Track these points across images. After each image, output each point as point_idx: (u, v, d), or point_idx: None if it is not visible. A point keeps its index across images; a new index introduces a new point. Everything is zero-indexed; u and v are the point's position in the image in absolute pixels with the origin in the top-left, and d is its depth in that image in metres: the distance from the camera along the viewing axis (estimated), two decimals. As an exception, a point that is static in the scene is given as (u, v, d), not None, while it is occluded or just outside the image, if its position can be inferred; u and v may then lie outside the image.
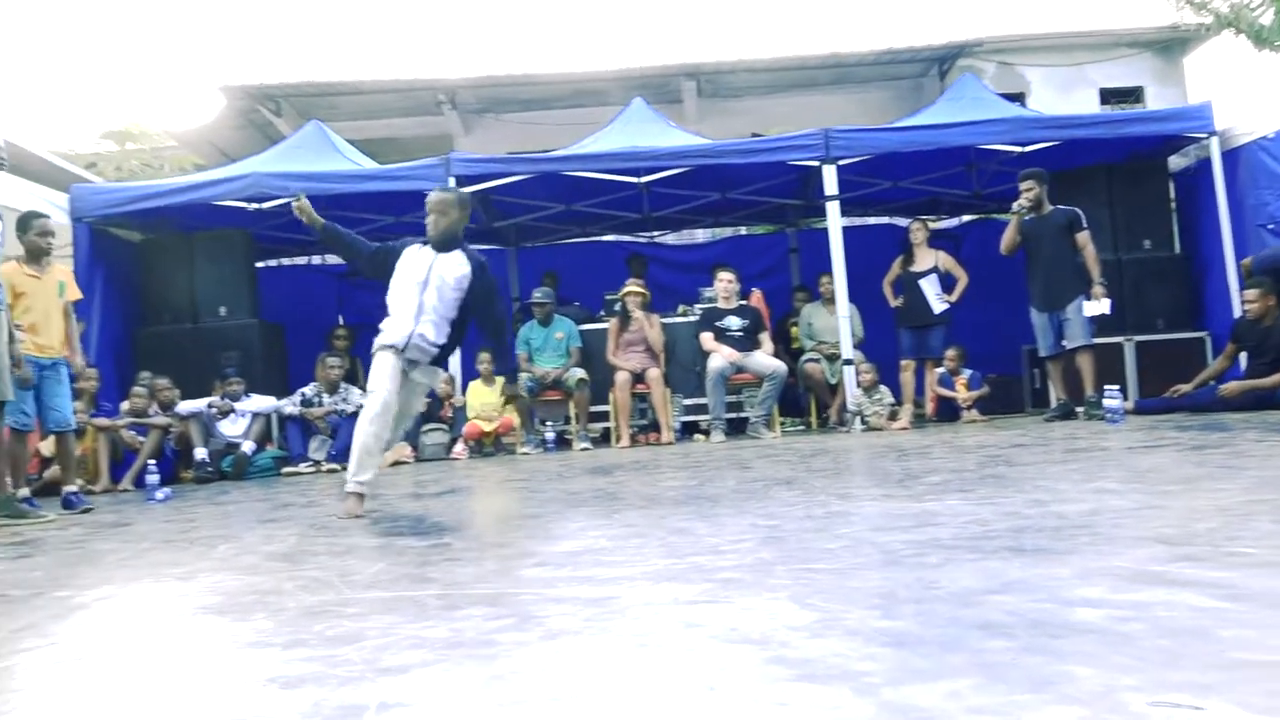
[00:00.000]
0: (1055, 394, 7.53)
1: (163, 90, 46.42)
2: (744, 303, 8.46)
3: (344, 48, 47.84)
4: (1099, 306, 6.99)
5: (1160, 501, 2.69)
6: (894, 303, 8.30)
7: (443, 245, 4.33)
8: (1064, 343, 7.24)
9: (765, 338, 8.30)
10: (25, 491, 5.32)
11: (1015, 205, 7.36)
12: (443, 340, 4.28)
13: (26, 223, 5.44)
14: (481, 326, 4.49)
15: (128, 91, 45.67)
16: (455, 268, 4.24)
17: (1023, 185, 7.33)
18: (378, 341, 4.24)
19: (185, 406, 7.56)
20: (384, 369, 4.13)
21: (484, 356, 8.25)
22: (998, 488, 3.28)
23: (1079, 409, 7.17)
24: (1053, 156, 8.45)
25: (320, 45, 48.13)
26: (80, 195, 8.26)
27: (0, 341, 4.78)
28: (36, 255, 5.48)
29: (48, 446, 6.27)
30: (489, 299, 4.37)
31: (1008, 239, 7.48)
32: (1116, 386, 6.55)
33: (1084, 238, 7.20)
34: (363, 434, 4.05)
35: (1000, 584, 1.78)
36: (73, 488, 5.49)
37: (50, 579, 2.82)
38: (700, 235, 12.70)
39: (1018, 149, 8.71)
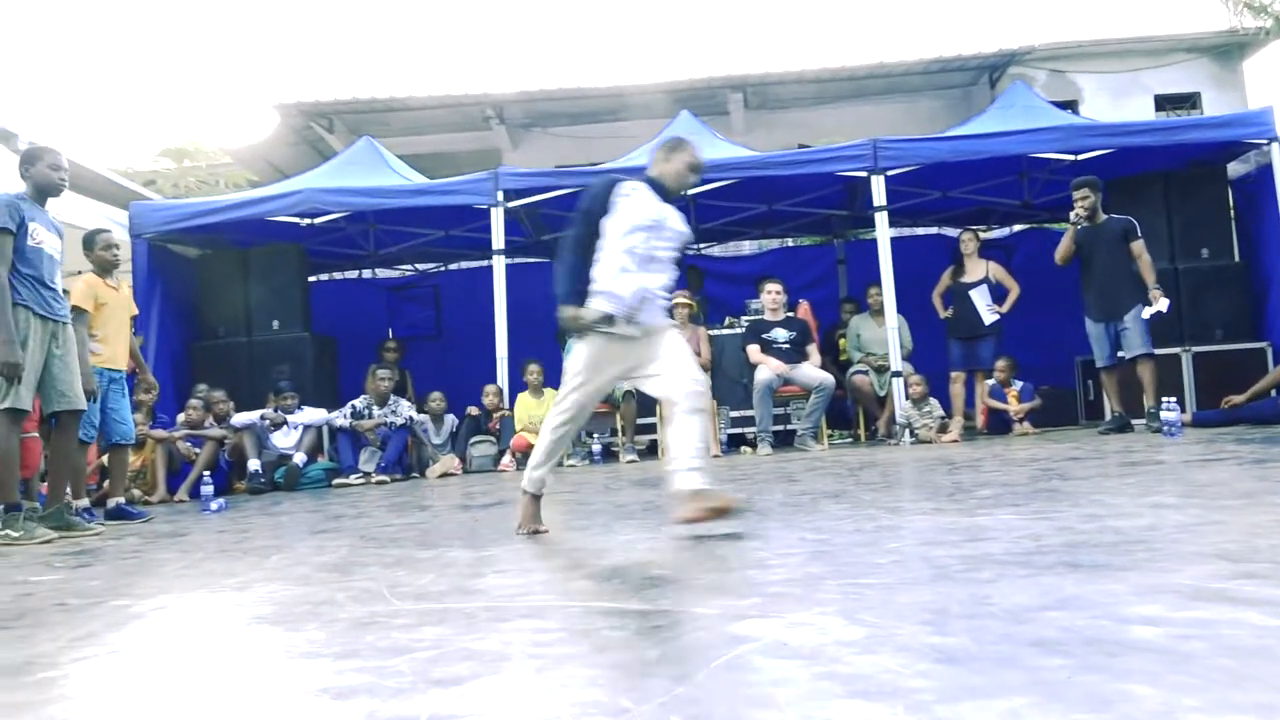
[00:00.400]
0: (1110, 406, 7.39)
1: (219, 108, 47.45)
2: (791, 314, 8.42)
3: (394, 65, 48.53)
4: (1158, 305, 6.83)
5: (1220, 516, 2.63)
6: (944, 314, 8.21)
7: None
8: (1121, 353, 7.10)
9: (813, 349, 8.26)
10: (85, 502, 5.45)
11: (1071, 215, 7.24)
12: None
13: (91, 240, 5.63)
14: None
15: (185, 110, 46.75)
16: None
17: (1077, 194, 7.22)
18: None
19: (239, 418, 7.70)
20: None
21: (532, 368, 8.30)
22: (1051, 502, 3.22)
23: (1134, 421, 7.03)
24: (1107, 164, 8.31)
25: (371, 63, 48.88)
26: (139, 212, 8.46)
27: (76, 352, 4.91)
28: (107, 268, 5.65)
29: (106, 458, 6.40)
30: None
31: (1063, 249, 7.36)
32: (1173, 398, 6.42)
33: (1139, 246, 7.07)
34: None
35: (1055, 600, 1.75)
36: (121, 499, 5.62)
37: (108, 588, 2.87)
38: (747, 247, 12.68)
39: (1070, 157, 8.58)
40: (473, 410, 8.40)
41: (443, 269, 11.57)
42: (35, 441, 5.76)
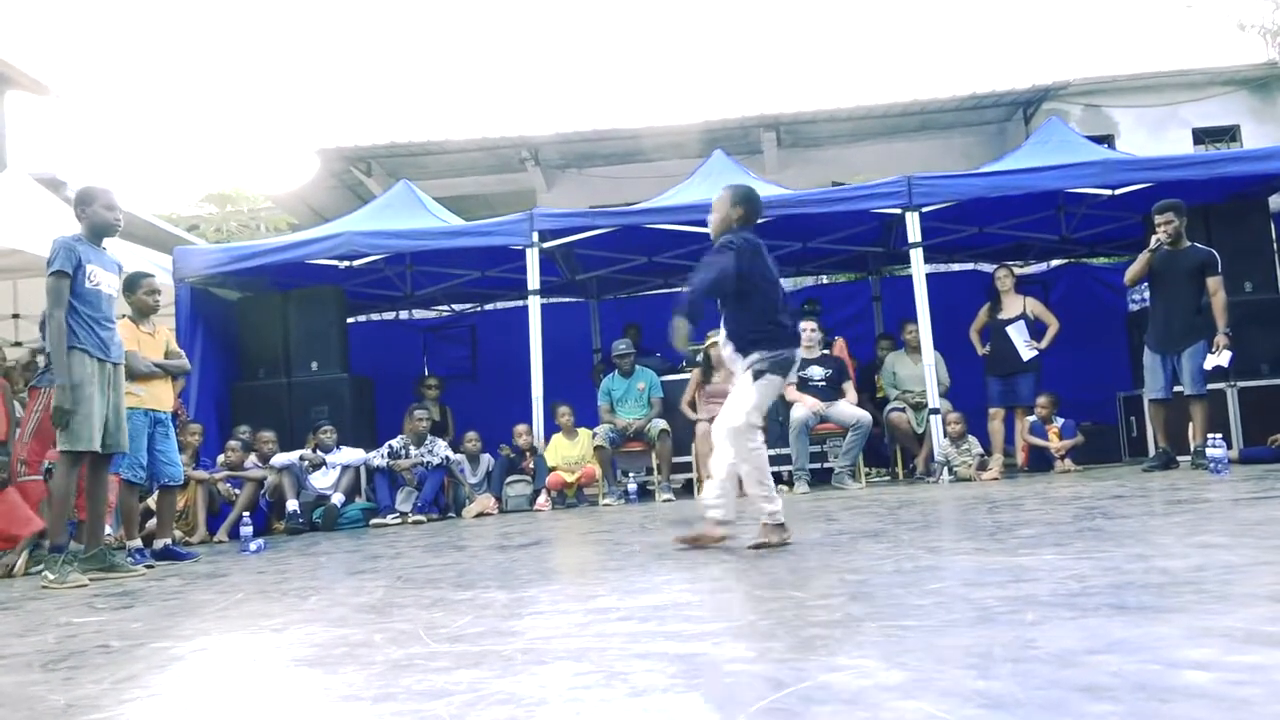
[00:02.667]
0: (1155, 441, 7.23)
1: (261, 154, 48.42)
2: (826, 352, 8.39)
3: (430, 109, 49.33)
4: (1219, 359, 6.59)
5: (1272, 557, 2.57)
6: (981, 351, 8.13)
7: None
8: (1179, 387, 6.92)
9: (849, 387, 8.21)
10: (137, 543, 5.50)
11: (1153, 240, 7.00)
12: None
13: (135, 282, 5.67)
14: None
15: (228, 156, 47.75)
16: None
17: (1160, 218, 6.96)
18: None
19: (279, 459, 7.76)
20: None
21: (562, 410, 8.32)
22: (1096, 541, 3.16)
23: (1179, 458, 6.89)
24: (1146, 199, 8.22)
25: (407, 107, 49.73)
26: (183, 256, 8.62)
27: (119, 395, 4.97)
28: (144, 313, 5.71)
29: (152, 500, 6.47)
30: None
31: (1135, 270, 7.14)
32: (1219, 435, 6.28)
33: (1215, 283, 6.81)
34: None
35: (1103, 644, 1.71)
36: (168, 540, 5.67)
37: (150, 629, 2.90)
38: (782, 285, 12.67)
39: (1108, 192, 8.51)
40: (505, 450, 8.43)
41: (479, 309, 11.67)
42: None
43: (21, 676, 2.23)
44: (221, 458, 7.80)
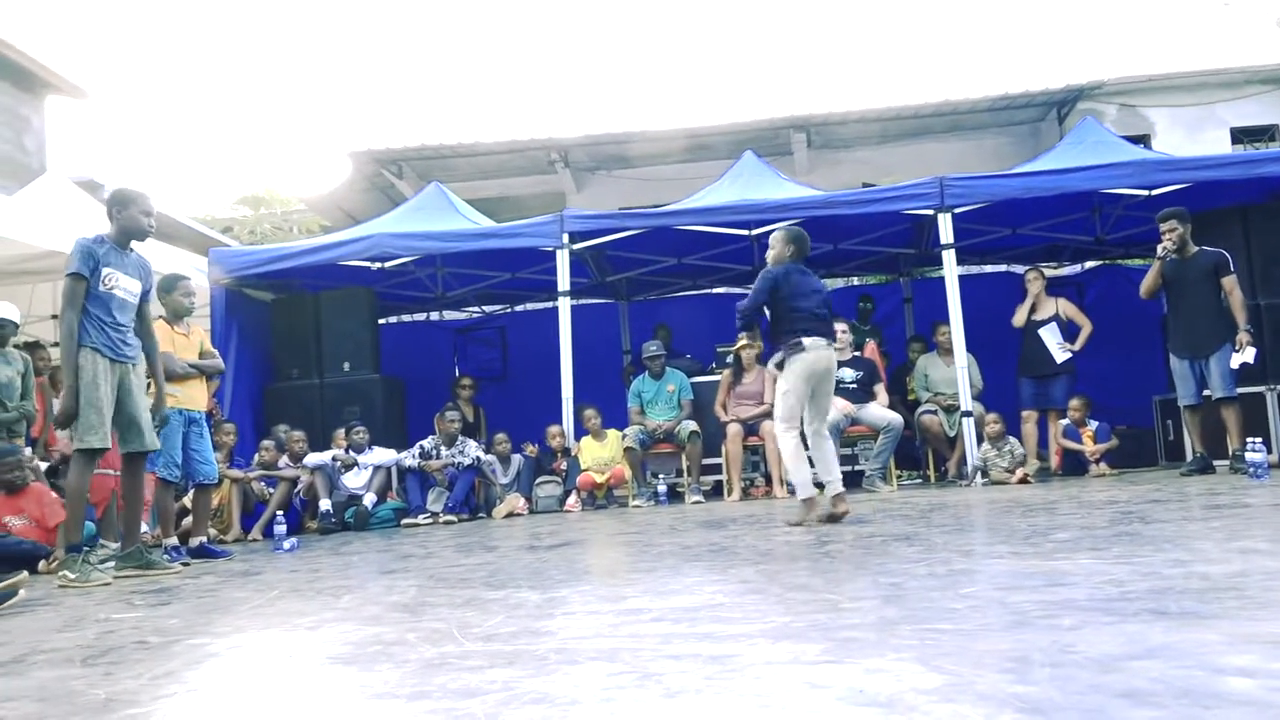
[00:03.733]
0: (1192, 446, 7.15)
1: (294, 157, 48.91)
2: (858, 354, 8.34)
3: (460, 111, 49.63)
4: (1243, 356, 6.59)
5: (1316, 563, 2.52)
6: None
7: None
8: (1207, 392, 6.86)
9: (880, 389, 8.16)
10: (173, 540, 5.56)
11: (1159, 248, 7.02)
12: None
13: (171, 284, 5.73)
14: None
15: (262, 159, 48.27)
16: None
17: (1164, 226, 6.99)
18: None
19: (311, 459, 7.83)
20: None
21: (588, 414, 8.33)
22: (1133, 546, 3.12)
23: (1217, 463, 6.79)
24: (1183, 199, 8.10)
25: (438, 110, 50.04)
26: (218, 258, 8.72)
27: (144, 393, 5.02)
28: (180, 315, 5.77)
29: (188, 498, 6.54)
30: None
31: (1148, 282, 7.15)
32: (1259, 439, 6.18)
33: (1230, 282, 6.83)
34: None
35: (1143, 649, 1.69)
36: (203, 538, 5.74)
37: (186, 626, 2.93)
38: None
39: (1145, 192, 8.41)
40: (530, 449, 8.47)
41: (509, 310, 11.72)
42: (108, 479, 5.90)
43: (62, 671, 2.26)
44: (256, 457, 7.89)
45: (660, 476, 8.40)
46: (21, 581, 3.75)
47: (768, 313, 5.11)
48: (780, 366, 5.06)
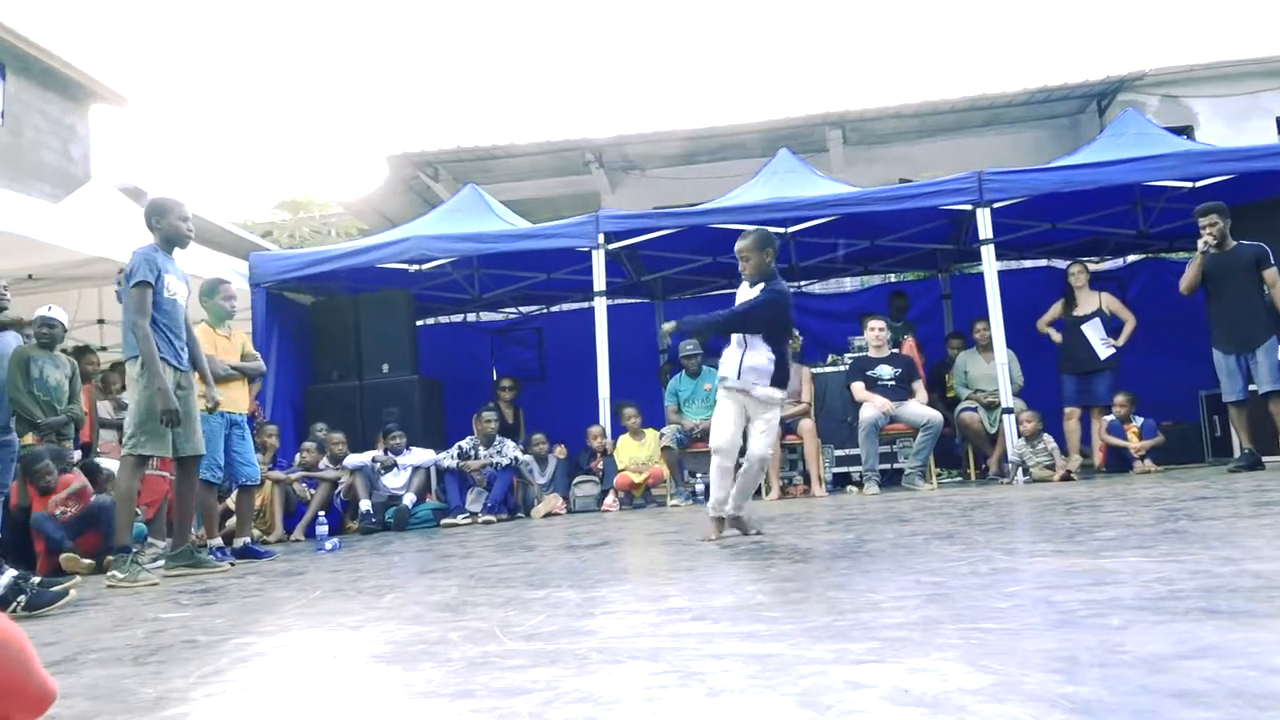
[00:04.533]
0: (1240, 442, 7.02)
1: (331, 162, 49.43)
2: (896, 351, 8.28)
3: (495, 113, 49.90)
4: None
5: (1372, 560, 2.46)
6: (1056, 338, 8.00)
7: (754, 282, 4.86)
8: (1253, 387, 6.75)
9: (919, 386, 8.09)
10: (218, 541, 5.65)
11: (1199, 243, 6.93)
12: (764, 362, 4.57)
13: (213, 289, 5.83)
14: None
15: (301, 165, 48.86)
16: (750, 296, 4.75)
17: (1203, 221, 6.90)
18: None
19: (351, 460, 7.91)
20: (721, 414, 4.73)
21: (628, 412, 8.33)
22: (1181, 544, 3.07)
23: (1266, 459, 6.67)
24: (1227, 191, 7.96)
25: (473, 112, 50.35)
26: (258, 262, 8.84)
27: (196, 399, 5.11)
28: (221, 318, 5.86)
29: (231, 500, 6.63)
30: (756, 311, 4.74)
31: (1188, 278, 7.05)
32: (1310, 434, 6.07)
33: (1272, 275, 6.74)
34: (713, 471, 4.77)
35: (1194, 649, 1.66)
36: (246, 539, 5.81)
37: (232, 625, 2.97)
38: (849, 283, 12.54)
39: (1189, 184, 8.26)
40: (560, 451, 8.51)
41: (545, 311, 11.76)
42: (162, 481, 6.01)
43: (113, 670, 2.30)
44: (297, 458, 7.98)
45: (698, 476, 8.37)
46: (74, 584, 3.83)
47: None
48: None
